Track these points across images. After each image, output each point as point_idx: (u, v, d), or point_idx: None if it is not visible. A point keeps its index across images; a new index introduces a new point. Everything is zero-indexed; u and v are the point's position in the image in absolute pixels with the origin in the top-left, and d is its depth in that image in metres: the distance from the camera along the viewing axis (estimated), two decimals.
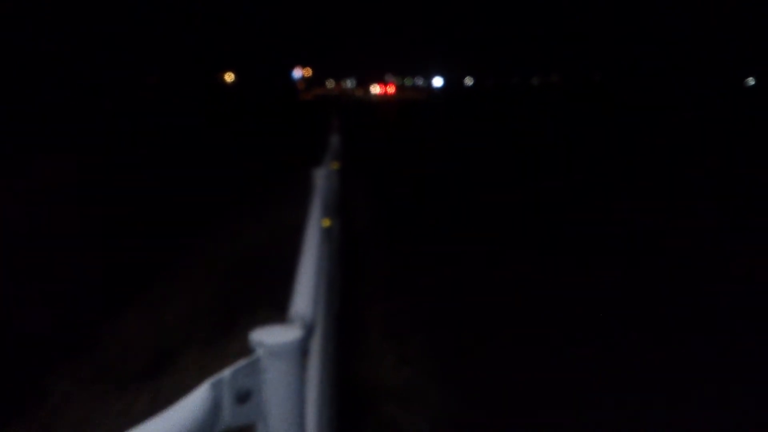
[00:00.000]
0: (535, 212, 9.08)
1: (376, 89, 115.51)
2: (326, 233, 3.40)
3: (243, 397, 1.24)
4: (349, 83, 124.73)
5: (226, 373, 1.21)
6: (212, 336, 4.53)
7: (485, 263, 6.65)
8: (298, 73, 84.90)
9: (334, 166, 6.83)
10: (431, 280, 6.17)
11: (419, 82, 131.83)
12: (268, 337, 1.27)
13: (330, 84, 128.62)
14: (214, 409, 1.17)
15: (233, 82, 64.00)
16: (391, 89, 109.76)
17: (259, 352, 1.26)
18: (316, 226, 3.08)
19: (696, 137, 18.07)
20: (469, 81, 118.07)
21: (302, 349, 1.32)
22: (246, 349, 1.28)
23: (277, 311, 1.83)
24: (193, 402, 1.15)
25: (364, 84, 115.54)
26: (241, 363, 1.24)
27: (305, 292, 1.90)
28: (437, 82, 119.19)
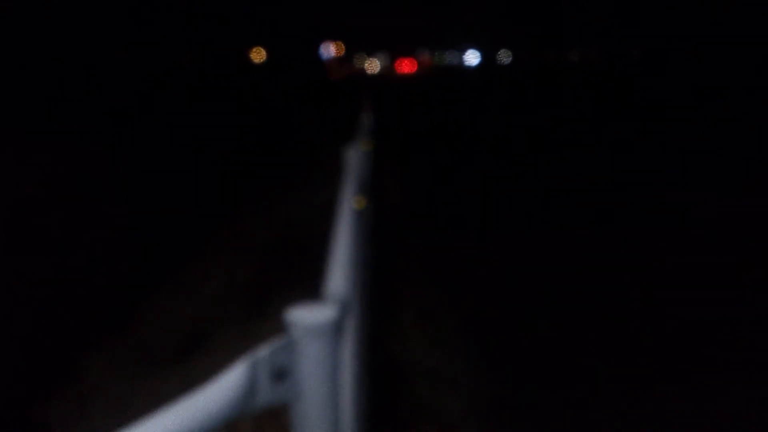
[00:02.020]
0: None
1: (374, 67, 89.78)
2: (359, 213, 3.40)
3: (279, 375, 1.25)
4: (379, 59, 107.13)
5: (262, 351, 1.21)
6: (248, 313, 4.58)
7: (515, 248, 6.60)
8: (329, 50, 72.84)
9: (366, 146, 6.82)
10: (461, 258, 6.15)
11: (454, 58, 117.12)
12: (304, 315, 1.27)
13: (360, 61, 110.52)
14: (250, 386, 1.18)
15: (263, 62, 58.07)
16: (411, 67, 79.76)
17: (295, 330, 1.26)
18: (349, 206, 3.08)
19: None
20: (506, 57, 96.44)
21: (337, 328, 1.32)
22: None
23: (310, 291, 1.84)
24: (230, 379, 1.16)
25: (395, 60, 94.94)
26: (277, 341, 1.24)
27: (339, 272, 1.90)
28: (471, 57, 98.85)
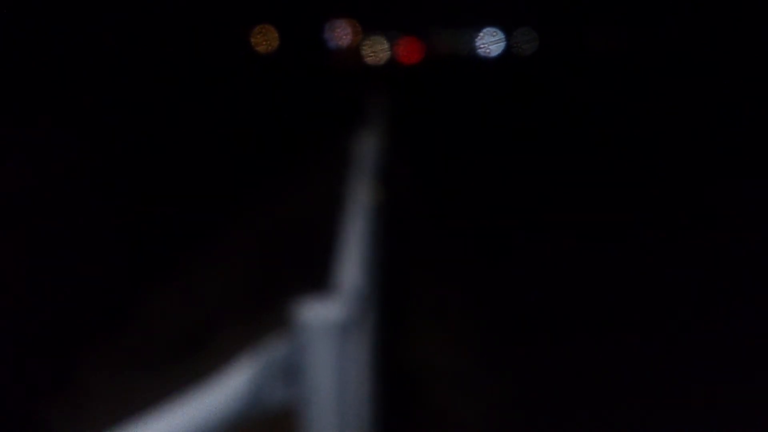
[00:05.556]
0: None
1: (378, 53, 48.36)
2: (369, 206, 3.39)
3: (284, 373, 1.23)
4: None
5: (269, 349, 1.20)
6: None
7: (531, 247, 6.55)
8: (343, 36, 50.04)
9: (376, 137, 6.81)
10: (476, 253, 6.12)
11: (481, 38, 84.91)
12: (314, 312, 1.26)
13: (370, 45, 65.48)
14: (256, 386, 1.16)
15: (271, 51, 46.97)
16: (410, 55, 48.42)
17: (302, 328, 1.25)
18: (359, 199, 3.07)
19: None
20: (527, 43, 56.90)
21: (345, 326, 1.31)
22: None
23: (319, 287, 1.83)
24: (234, 377, 1.15)
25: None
26: (285, 339, 1.23)
27: (349, 267, 1.89)
28: (486, 40, 57.75)
